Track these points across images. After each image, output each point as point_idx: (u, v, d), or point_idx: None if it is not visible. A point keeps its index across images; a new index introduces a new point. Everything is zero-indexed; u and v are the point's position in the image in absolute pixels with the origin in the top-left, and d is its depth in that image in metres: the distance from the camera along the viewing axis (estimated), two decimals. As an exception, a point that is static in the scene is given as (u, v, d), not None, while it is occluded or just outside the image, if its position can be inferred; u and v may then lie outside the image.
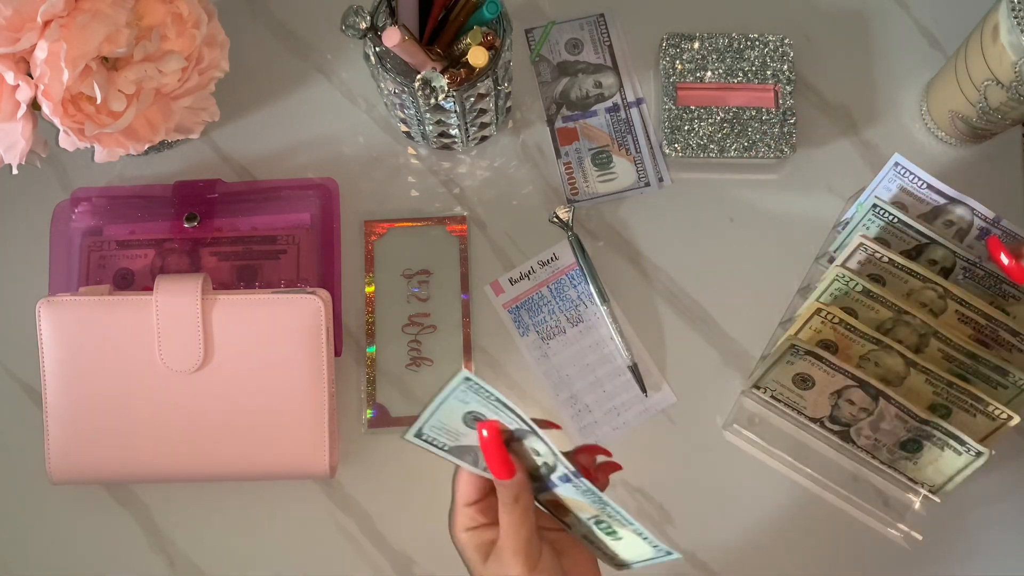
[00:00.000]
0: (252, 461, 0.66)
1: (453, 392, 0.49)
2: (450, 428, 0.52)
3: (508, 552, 0.50)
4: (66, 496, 0.70)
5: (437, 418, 0.51)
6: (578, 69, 0.77)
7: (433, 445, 0.52)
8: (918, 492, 0.69)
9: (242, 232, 0.72)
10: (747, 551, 0.70)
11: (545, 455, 0.50)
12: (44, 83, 0.58)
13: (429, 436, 0.52)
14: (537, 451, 0.51)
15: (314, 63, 0.78)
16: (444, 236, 0.74)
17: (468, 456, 0.53)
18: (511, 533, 0.51)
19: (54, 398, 0.65)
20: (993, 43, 0.65)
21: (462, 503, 0.53)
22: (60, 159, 0.75)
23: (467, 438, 0.52)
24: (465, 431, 0.52)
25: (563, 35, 0.78)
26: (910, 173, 0.71)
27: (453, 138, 0.73)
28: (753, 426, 0.71)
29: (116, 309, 0.65)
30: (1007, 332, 0.65)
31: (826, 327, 0.65)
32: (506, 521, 0.51)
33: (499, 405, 0.49)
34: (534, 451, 0.51)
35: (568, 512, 0.54)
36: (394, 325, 0.72)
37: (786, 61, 0.75)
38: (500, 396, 0.49)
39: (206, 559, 0.70)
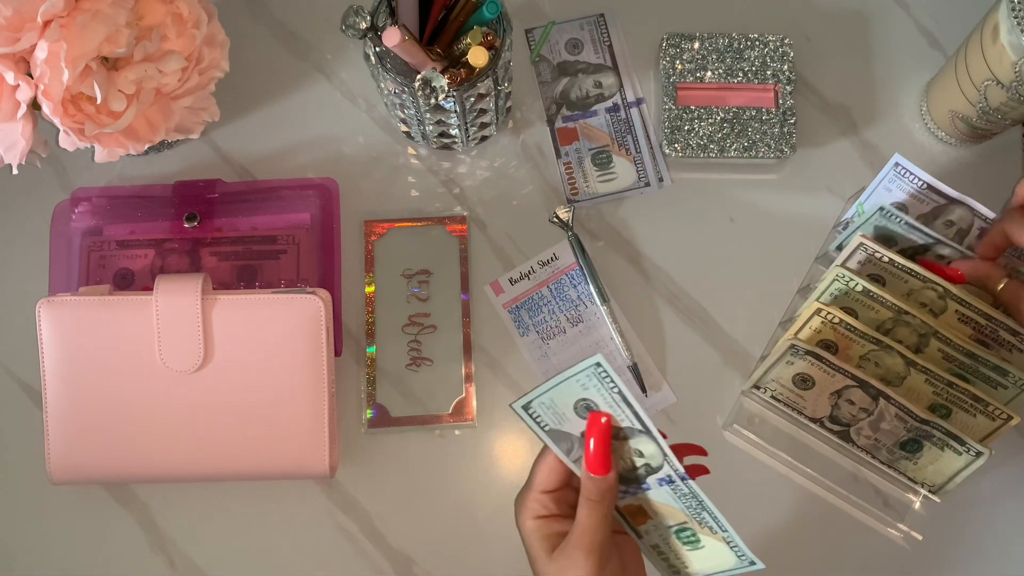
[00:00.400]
0: (252, 461, 0.66)
1: (579, 373, 0.48)
2: (558, 409, 0.51)
3: (581, 551, 0.49)
4: (66, 496, 0.70)
5: (551, 395, 0.50)
6: (578, 69, 0.77)
7: (535, 421, 0.52)
8: (918, 492, 0.69)
9: (242, 232, 0.72)
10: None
11: (651, 457, 0.50)
12: (44, 83, 0.58)
13: (535, 412, 0.51)
14: (641, 452, 0.50)
15: (314, 63, 0.78)
16: (444, 236, 0.74)
17: (564, 443, 0.52)
18: (589, 531, 0.49)
19: (54, 398, 0.65)
20: (993, 43, 0.64)
21: (538, 489, 0.52)
22: (60, 159, 0.75)
23: (569, 424, 0.51)
24: (571, 417, 0.51)
25: (563, 35, 0.78)
26: (910, 173, 0.71)
27: (453, 138, 0.73)
28: (753, 426, 0.71)
29: (116, 309, 0.65)
30: (1007, 332, 0.65)
31: (826, 327, 0.65)
32: (586, 518, 0.50)
33: (618, 399, 0.49)
34: (637, 452, 0.50)
35: (647, 519, 0.53)
36: (394, 325, 0.72)
37: (786, 61, 0.75)
38: (624, 390, 0.48)
39: (206, 559, 0.70)
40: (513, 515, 0.56)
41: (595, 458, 0.49)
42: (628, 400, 0.48)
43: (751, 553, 0.51)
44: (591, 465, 0.49)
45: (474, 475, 0.71)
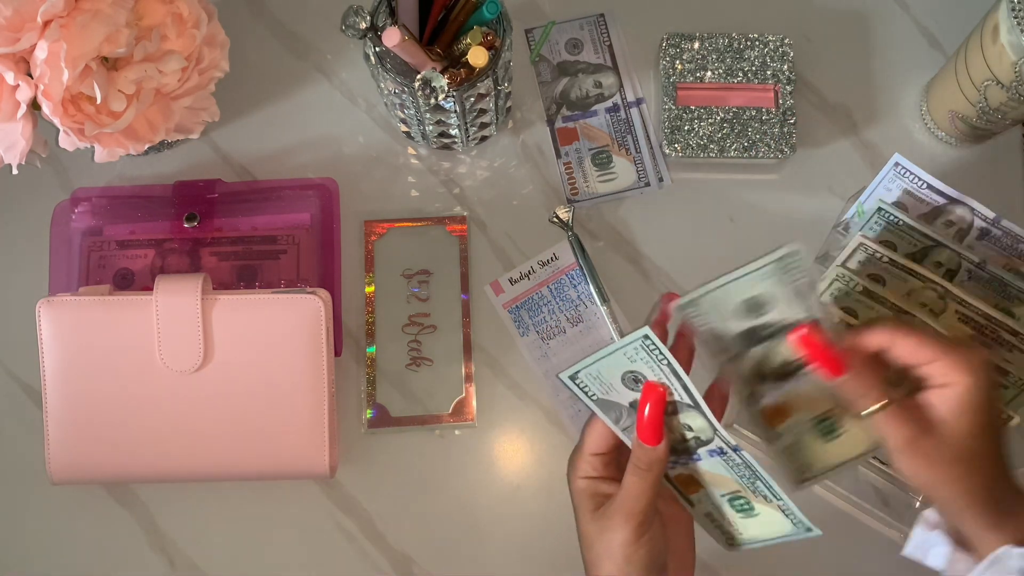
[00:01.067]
0: (252, 461, 0.66)
1: (626, 346, 0.49)
2: (605, 380, 0.51)
3: (621, 514, 0.50)
4: (66, 496, 0.70)
5: (598, 367, 0.51)
6: (578, 69, 0.77)
7: (583, 391, 0.52)
8: (918, 492, 0.68)
9: (242, 232, 0.72)
10: (747, 551, 0.70)
11: (700, 430, 0.50)
12: (44, 83, 0.58)
13: (582, 382, 0.52)
14: (691, 426, 0.50)
15: (314, 63, 0.78)
16: (444, 236, 0.74)
17: (612, 412, 0.52)
18: (631, 498, 0.50)
19: (54, 398, 0.65)
20: (993, 43, 0.64)
21: (589, 451, 0.53)
22: (60, 159, 0.75)
23: (617, 394, 0.52)
24: (619, 388, 0.51)
25: (563, 35, 0.78)
26: (910, 173, 0.71)
27: (453, 138, 0.73)
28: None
29: (116, 309, 0.65)
30: (1007, 332, 0.65)
31: (826, 327, 0.65)
32: (632, 484, 0.50)
33: (668, 371, 0.49)
34: (687, 426, 0.50)
35: (698, 488, 0.54)
36: (394, 325, 0.72)
37: (786, 61, 0.75)
38: (674, 363, 0.48)
39: (206, 559, 0.70)
40: (514, 512, 0.56)
41: (647, 427, 0.50)
42: (678, 373, 0.49)
43: (807, 520, 0.51)
44: (643, 434, 0.50)
45: (474, 475, 0.71)
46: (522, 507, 0.71)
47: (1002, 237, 0.70)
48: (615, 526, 0.50)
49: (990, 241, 0.70)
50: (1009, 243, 0.70)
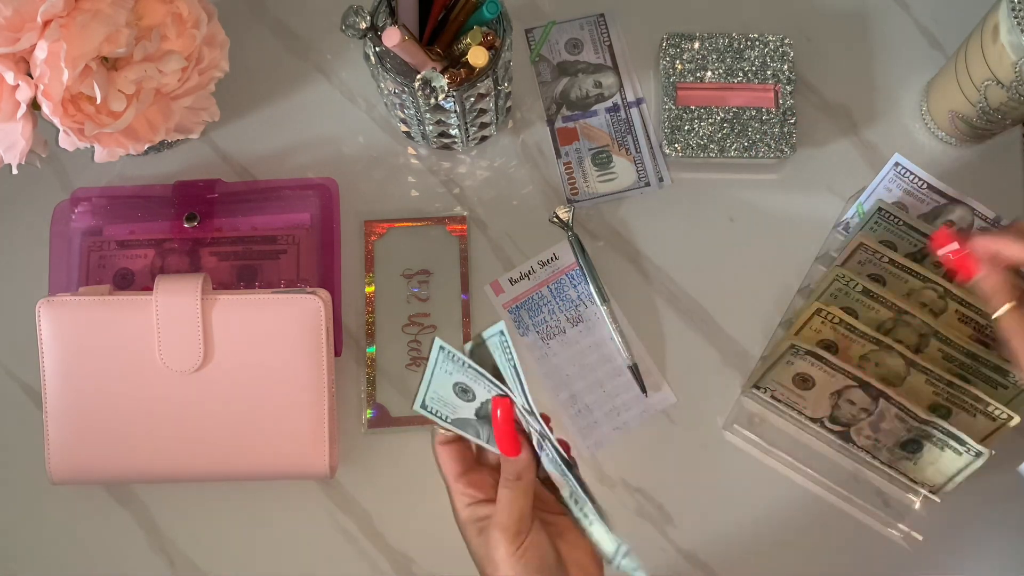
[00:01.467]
0: (252, 461, 0.66)
1: (436, 363, 0.49)
2: (446, 400, 0.52)
3: (497, 528, 0.50)
4: (66, 496, 0.70)
5: (433, 389, 0.51)
6: (578, 69, 0.77)
7: (437, 416, 0.52)
8: (918, 492, 0.69)
9: (242, 232, 0.72)
10: (747, 551, 0.70)
11: (530, 423, 0.50)
12: (44, 83, 0.58)
13: (432, 407, 0.52)
14: (526, 419, 0.50)
15: (314, 63, 0.78)
16: (444, 236, 0.74)
17: (469, 428, 0.53)
18: (503, 509, 0.51)
19: (54, 398, 0.65)
20: (993, 43, 0.64)
21: (451, 479, 0.53)
22: (60, 159, 0.75)
23: (463, 410, 0.52)
24: (458, 403, 0.52)
25: (563, 35, 0.78)
26: (910, 173, 0.72)
27: (453, 138, 0.73)
28: (753, 426, 0.71)
29: (116, 309, 0.65)
30: (1007, 332, 0.65)
31: (826, 327, 0.65)
32: (503, 496, 0.51)
33: (473, 373, 0.49)
34: (524, 420, 0.51)
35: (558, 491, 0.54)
36: (394, 325, 0.72)
37: (786, 61, 0.75)
38: (470, 362, 0.49)
39: (206, 559, 0.70)
40: None
41: (503, 438, 0.50)
42: (479, 370, 0.49)
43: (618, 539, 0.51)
44: (502, 448, 0.50)
45: (474, 475, 0.71)
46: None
47: (1002, 237, 0.70)
48: (495, 542, 0.51)
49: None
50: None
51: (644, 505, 0.70)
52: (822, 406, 0.67)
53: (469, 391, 0.51)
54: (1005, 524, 0.71)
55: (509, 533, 0.50)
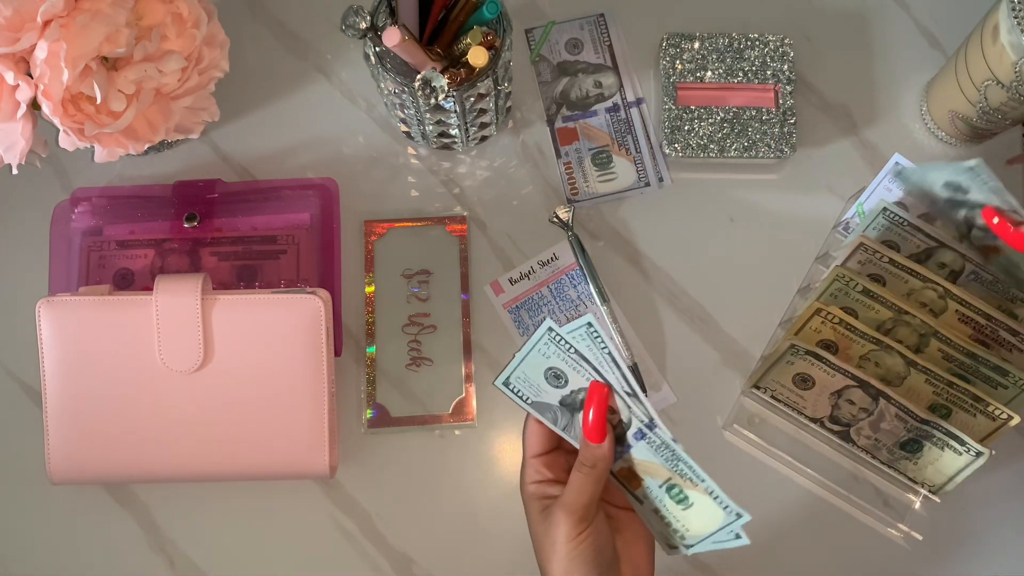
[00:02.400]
0: (252, 461, 0.66)
1: (538, 343, 0.50)
2: (532, 382, 0.52)
3: (563, 509, 0.51)
4: (66, 496, 0.70)
5: (522, 369, 0.52)
6: (578, 69, 0.77)
7: (518, 396, 0.53)
8: (918, 492, 0.69)
9: (242, 232, 0.72)
10: (747, 551, 0.70)
11: (620, 410, 0.51)
12: (44, 83, 0.58)
13: (515, 387, 0.53)
14: (613, 409, 0.51)
15: (314, 63, 0.78)
16: (444, 236, 0.74)
17: (548, 413, 0.53)
18: (573, 492, 0.51)
19: (54, 398, 0.65)
20: (993, 43, 0.64)
21: (530, 455, 0.54)
22: (60, 159, 0.75)
23: (546, 395, 0.52)
24: (546, 387, 0.52)
25: (563, 35, 0.78)
26: (910, 173, 0.71)
27: (453, 138, 0.73)
28: (753, 426, 0.71)
29: (116, 309, 0.65)
30: (1007, 332, 0.65)
31: (826, 327, 0.65)
32: (575, 480, 0.51)
33: (578, 359, 0.49)
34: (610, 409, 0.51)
35: (640, 482, 0.54)
36: (394, 325, 0.72)
37: (786, 61, 0.75)
38: (581, 349, 0.49)
39: (206, 559, 0.70)
40: (513, 512, 0.56)
41: (593, 426, 0.51)
42: (587, 358, 0.49)
43: (735, 504, 0.52)
44: (588, 433, 0.51)
45: (474, 475, 0.71)
46: (522, 507, 0.71)
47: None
48: (557, 521, 0.51)
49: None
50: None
51: (644, 505, 0.70)
52: (822, 406, 0.67)
53: (562, 377, 0.51)
54: (1005, 524, 0.71)
55: (574, 517, 0.51)
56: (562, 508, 0.51)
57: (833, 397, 0.66)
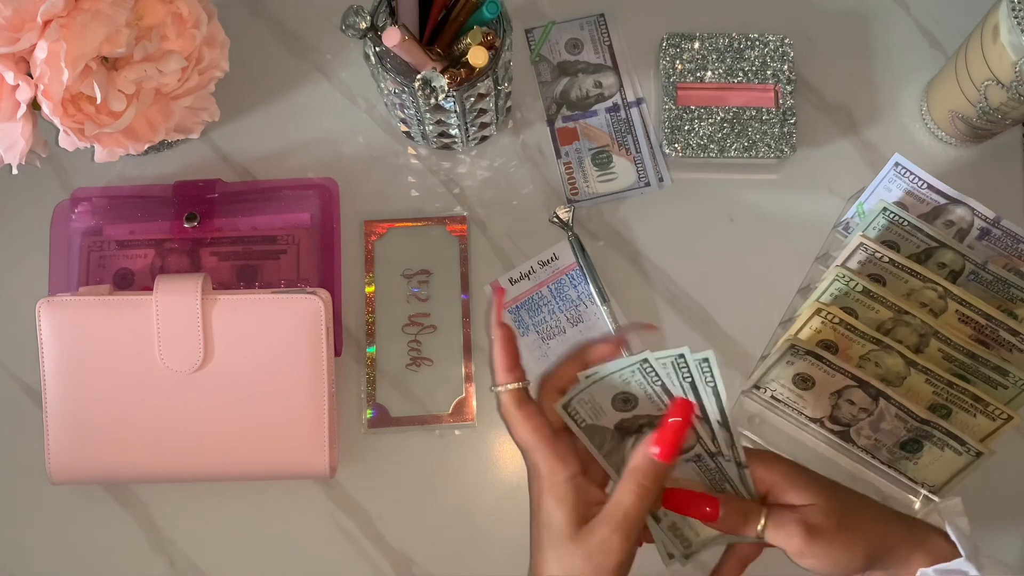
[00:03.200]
0: (252, 461, 0.66)
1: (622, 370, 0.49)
2: (596, 403, 0.51)
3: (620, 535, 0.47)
4: (66, 496, 0.70)
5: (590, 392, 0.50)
6: (578, 69, 0.77)
7: (572, 419, 0.52)
8: (918, 492, 0.69)
9: (242, 232, 0.72)
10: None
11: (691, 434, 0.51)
12: (44, 83, 0.58)
13: (573, 410, 0.52)
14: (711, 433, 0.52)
15: (314, 63, 0.78)
16: (444, 236, 0.74)
17: (597, 437, 0.52)
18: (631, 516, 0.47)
19: (54, 398, 0.65)
20: (993, 43, 0.64)
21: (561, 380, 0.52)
22: (60, 159, 0.75)
23: (606, 419, 0.52)
24: (608, 412, 0.51)
25: (563, 35, 0.78)
26: (910, 173, 0.71)
27: (453, 138, 0.73)
28: (753, 426, 0.71)
29: (116, 309, 0.65)
30: (1007, 332, 0.65)
31: (826, 327, 0.65)
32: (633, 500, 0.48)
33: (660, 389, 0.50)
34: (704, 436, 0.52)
35: None
36: (394, 325, 0.72)
37: (786, 61, 0.75)
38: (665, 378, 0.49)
39: (206, 559, 0.70)
40: (513, 512, 0.54)
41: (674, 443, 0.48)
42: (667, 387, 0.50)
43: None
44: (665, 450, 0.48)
45: (474, 475, 0.71)
46: (522, 507, 0.70)
47: (1002, 237, 0.70)
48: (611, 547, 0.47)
49: (990, 241, 0.70)
50: (1009, 243, 0.70)
51: (644, 505, 0.70)
52: (822, 406, 0.67)
53: (631, 402, 0.50)
54: (1005, 524, 0.71)
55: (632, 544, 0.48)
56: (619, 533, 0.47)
57: (833, 397, 0.66)
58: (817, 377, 0.66)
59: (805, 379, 0.66)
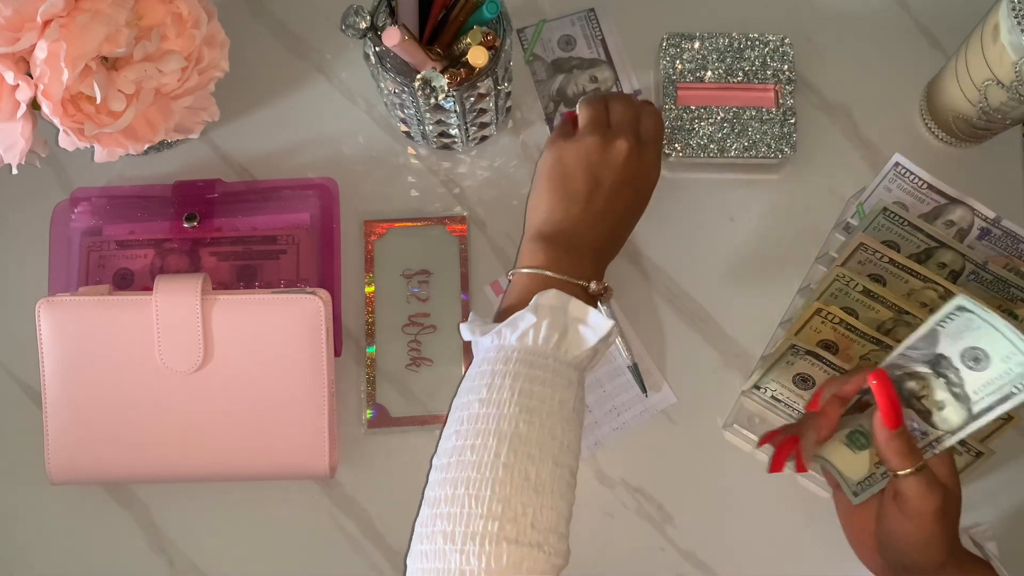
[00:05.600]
0: (252, 461, 0.66)
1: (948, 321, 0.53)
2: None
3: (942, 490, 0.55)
4: (66, 496, 0.70)
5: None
6: (572, 65, 0.77)
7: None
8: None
9: (242, 232, 0.72)
10: (747, 551, 0.70)
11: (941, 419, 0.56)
12: (44, 83, 0.58)
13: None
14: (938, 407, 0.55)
15: (314, 63, 0.78)
16: (444, 236, 0.74)
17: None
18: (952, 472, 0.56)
19: (54, 398, 0.65)
20: (993, 43, 0.64)
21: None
22: (60, 159, 0.75)
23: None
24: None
25: (555, 32, 0.78)
26: (910, 173, 0.72)
27: (453, 138, 0.73)
28: (753, 426, 0.71)
29: (116, 309, 0.65)
30: (1007, 332, 0.65)
31: (826, 327, 0.65)
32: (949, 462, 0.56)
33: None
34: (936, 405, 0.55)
35: None
36: (394, 325, 0.72)
37: (786, 61, 0.75)
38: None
39: (206, 559, 0.70)
40: None
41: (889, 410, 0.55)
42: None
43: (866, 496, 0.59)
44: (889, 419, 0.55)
45: (474, 475, 0.71)
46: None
47: (1002, 237, 0.70)
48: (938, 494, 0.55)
49: (990, 241, 0.70)
50: (1009, 243, 0.70)
51: (644, 505, 0.70)
52: (822, 406, 0.67)
53: (808, 381, 0.58)
54: (1005, 524, 0.71)
55: None
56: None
57: (833, 397, 0.66)
58: (817, 377, 0.66)
59: (805, 379, 0.66)
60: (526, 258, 0.62)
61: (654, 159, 0.67)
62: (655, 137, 0.67)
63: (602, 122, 0.66)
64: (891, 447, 0.54)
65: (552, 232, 0.63)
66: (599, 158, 0.64)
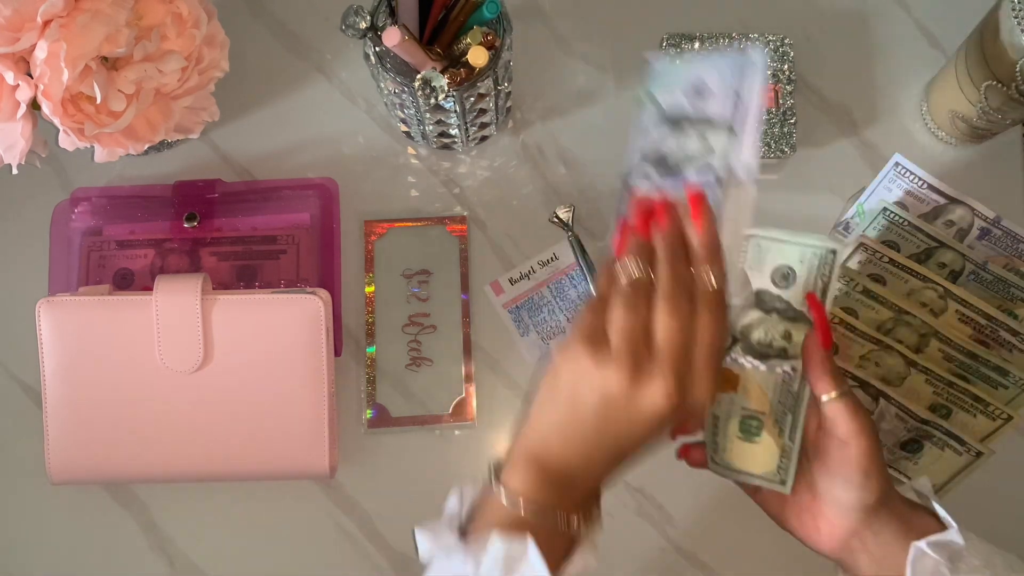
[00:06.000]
0: (252, 461, 0.66)
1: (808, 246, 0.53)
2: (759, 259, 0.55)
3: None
4: (66, 496, 0.70)
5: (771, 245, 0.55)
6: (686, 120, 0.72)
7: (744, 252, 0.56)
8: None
9: (242, 232, 0.72)
10: (747, 551, 0.70)
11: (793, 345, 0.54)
12: (44, 83, 0.58)
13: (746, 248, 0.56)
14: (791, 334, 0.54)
15: (314, 63, 0.78)
16: (444, 236, 0.74)
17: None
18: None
19: (54, 398, 0.65)
20: (993, 43, 0.64)
21: None
22: (60, 159, 0.75)
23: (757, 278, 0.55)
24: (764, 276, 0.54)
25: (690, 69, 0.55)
26: (910, 173, 0.72)
27: (453, 138, 0.73)
28: (753, 426, 0.71)
29: (116, 309, 0.65)
30: (1007, 332, 0.65)
31: (826, 327, 0.65)
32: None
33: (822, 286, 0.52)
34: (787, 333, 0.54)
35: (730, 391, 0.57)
36: (394, 325, 0.72)
37: (786, 61, 0.75)
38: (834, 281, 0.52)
39: (206, 559, 0.70)
40: None
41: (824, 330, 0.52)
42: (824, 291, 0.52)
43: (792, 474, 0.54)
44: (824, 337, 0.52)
45: (474, 475, 0.71)
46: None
47: (1002, 237, 0.70)
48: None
49: (990, 241, 0.70)
50: (1009, 243, 0.70)
51: (644, 505, 0.70)
52: (822, 406, 0.67)
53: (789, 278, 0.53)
54: (1005, 524, 0.71)
55: None
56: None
57: (833, 397, 0.66)
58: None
59: (805, 379, 0.66)
60: (515, 479, 0.52)
61: (703, 397, 0.48)
62: (707, 362, 0.47)
63: (636, 340, 0.46)
64: (825, 367, 0.51)
65: (547, 461, 0.51)
66: (620, 412, 0.47)
